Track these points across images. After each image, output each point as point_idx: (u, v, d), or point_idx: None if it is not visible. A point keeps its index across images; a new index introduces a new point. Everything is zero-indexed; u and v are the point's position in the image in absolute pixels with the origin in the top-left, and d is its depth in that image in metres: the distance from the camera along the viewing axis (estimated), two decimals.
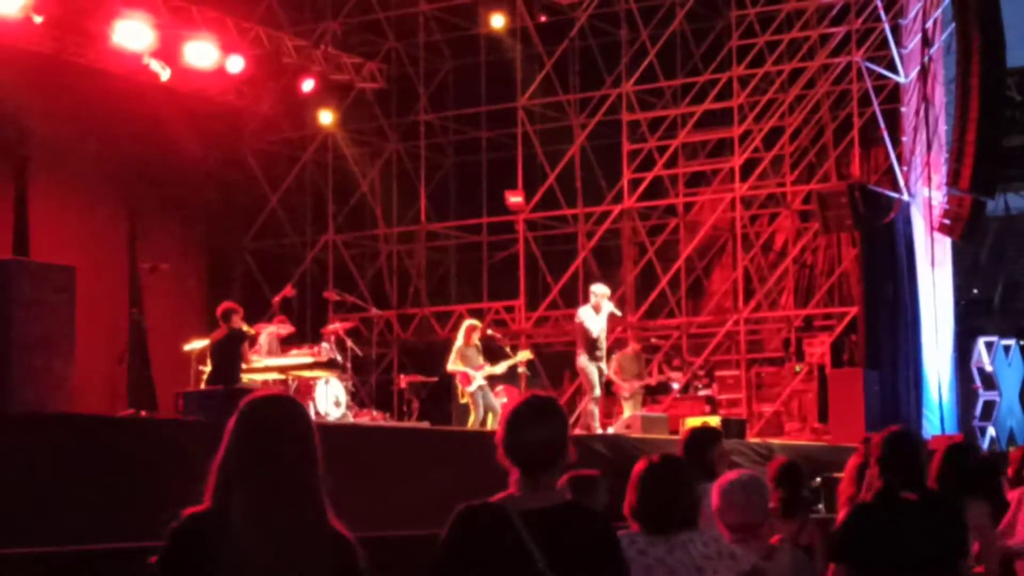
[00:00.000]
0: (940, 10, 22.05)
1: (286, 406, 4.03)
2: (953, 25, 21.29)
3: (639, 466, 5.14)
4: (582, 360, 16.32)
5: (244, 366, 15.44)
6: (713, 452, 7.39)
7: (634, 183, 23.20)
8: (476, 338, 17.06)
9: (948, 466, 7.17)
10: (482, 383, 16.65)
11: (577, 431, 16.84)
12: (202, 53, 20.49)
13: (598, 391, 16.36)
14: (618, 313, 17.56)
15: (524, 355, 17.96)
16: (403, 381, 19.72)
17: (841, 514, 7.39)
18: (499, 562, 4.14)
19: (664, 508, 5.02)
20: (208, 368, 15.15)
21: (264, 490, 3.86)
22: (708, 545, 4.97)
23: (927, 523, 5.94)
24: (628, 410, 18.29)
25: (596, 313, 16.43)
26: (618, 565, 4.30)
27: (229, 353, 14.91)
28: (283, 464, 3.90)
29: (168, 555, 3.86)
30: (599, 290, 16.78)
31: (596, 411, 16.40)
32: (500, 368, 17.04)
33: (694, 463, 6.73)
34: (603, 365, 16.43)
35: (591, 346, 16.29)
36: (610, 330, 22.71)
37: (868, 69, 21.40)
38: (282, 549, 3.83)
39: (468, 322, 17.42)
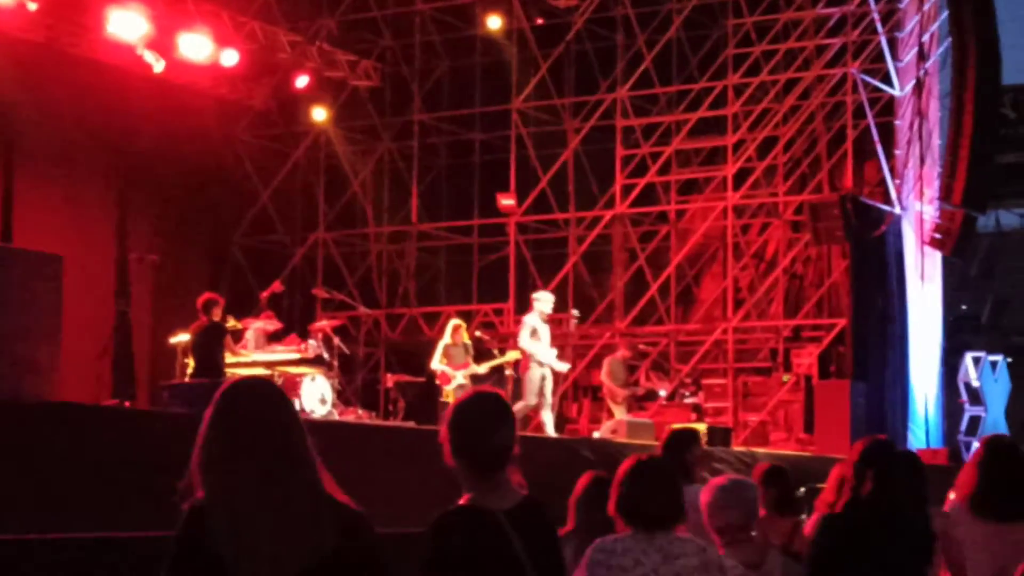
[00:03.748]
0: (937, 24, 22.06)
1: (257, 387, 4.03)
2: (949, 40, 21.30)
3: (626, 464, 5.08)
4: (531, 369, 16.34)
5: (232, 359, 15.40)
6: (692, 453, 7.37)
7: (626, 189, 23.17)
8: (464, 337, 17.03)
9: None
10: (463, 382, 16.61)
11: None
12: (196, 46, 20.42)
13: (534, 400, 16.31)
14: (575, 320, 17.67)
15: (512, 355, 17.90)
16: (390, 380, 19.69)
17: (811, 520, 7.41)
18: (494, 564, 4.10)
19: (653, 505, 4.97)
20: (192, 361, 15.08)
21: (244, 468, 3.84)
22: (696, 555, 4.93)
23: (894, 531, 5.92)
24: (619, 414, 18.30)
25: (543, 322, 16.49)
26: (562, 560, 4.34)
27: (210, 345, 14.83)
28: (262, 441, 3.89)
29: (176, 554, 3.83)
30: (547, 297, 16.85)
31: (550, 418, 16.41)
32: (484, 368, 17.00)
33: (673, 464, 6.72)
34: (547, 372, 16.44)
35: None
36: (598, 335, 22.83)
37: (863, 81, 21.41)
38: (275, 523, 3.81)
39: (454, 320, 17.44)
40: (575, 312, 18.54)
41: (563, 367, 17.04)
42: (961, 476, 6.58)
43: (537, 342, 16.34)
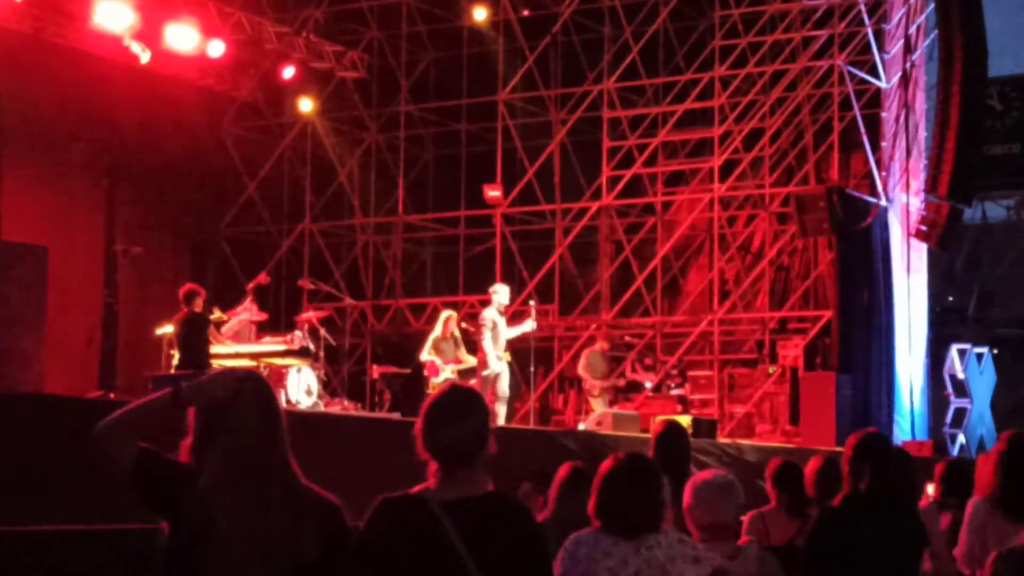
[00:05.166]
0: (923, 16, 22.07)
1: (247, 379, 4.09)
2: (936, 32, 21.31)
3: (606, 465, 5.03)
4: (490, 361, 16.38)
5: (218, 348, 15.37)
6: (685, 448, 7.34)
7: (613, 180, 23.18)
8: (454, 330, 17.02)
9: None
10: (450, 376, 16.60)
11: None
12: (183, 37, 20.39)
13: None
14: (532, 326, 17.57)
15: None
16: (376, 372, 19.65)
17: None
18: (420, 553, 4.10)
19: (631, 510, 4.89)
20: (177, 352, 15.05)
21: (228, 458, 3.87)
22: (672, 546, 4.87)
23: (892, 524, 5.94)
24: (597, 407, 18.26)
25: (500, 315, 16.52)
26: (539, 556, 4.22)
27: (193, 336, 14.80)
28: (246, 431, 3.91)
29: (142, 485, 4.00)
30: (504, 289, 16.87)
31: (503, 412, 16.42)
32: (472, 361, 16.98)
33: (669, 458, 6.69)
34: (504, 368, 16.49)
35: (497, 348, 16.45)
36: (584, 327, 22.83)
37: (850, 73, 21.43)
38: (249, 515, 3.83)
39: (446, 313, 17.41)
40: (532, 303, 18.51)
41: (528, 327, 17.05)
42: (981, 474, 6.47)
43: (493, 341, 16.39)
